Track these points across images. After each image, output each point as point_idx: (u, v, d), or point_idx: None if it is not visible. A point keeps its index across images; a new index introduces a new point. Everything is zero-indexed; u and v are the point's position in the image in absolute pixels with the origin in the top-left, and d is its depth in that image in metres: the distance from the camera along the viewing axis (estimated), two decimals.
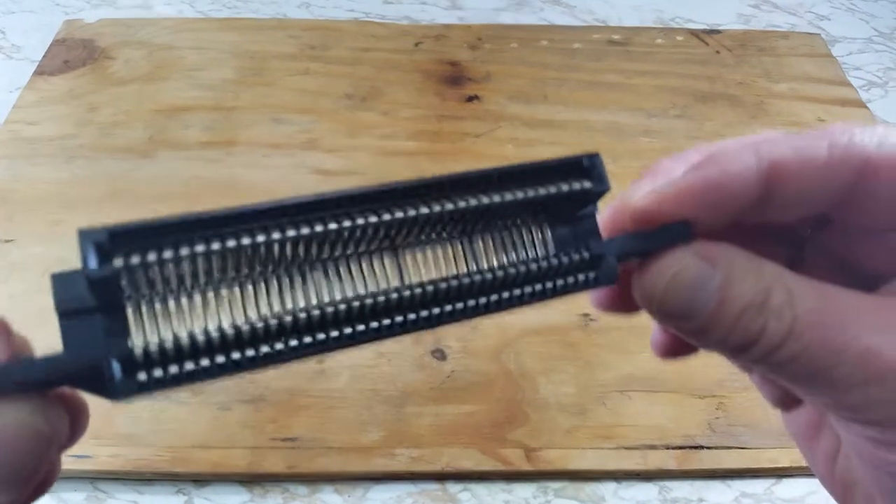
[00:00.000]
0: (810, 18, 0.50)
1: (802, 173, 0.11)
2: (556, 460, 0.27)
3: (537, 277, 0.11)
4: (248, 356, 0.10)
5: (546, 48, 0.45)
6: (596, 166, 0.12)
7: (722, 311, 0.11)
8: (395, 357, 0.30)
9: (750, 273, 0.11)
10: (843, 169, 0.11)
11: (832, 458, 0.13)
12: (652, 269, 0.11)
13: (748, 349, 0.11)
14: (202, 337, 0.10)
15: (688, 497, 0.27)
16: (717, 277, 0.11)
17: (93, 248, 0.09)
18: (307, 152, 0.38)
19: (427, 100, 0.41)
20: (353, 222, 0.10)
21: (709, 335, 0.11)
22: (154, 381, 0.09)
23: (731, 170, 0.11)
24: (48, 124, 0.39)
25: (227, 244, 0.10)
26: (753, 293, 0.10)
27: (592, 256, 0.12)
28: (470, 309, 0.11)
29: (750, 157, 0.11)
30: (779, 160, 0.11)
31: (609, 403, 0.29)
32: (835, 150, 0.11)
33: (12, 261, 0.33)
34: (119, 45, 0.43)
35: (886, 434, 0.10)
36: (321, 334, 0.10)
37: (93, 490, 0.27)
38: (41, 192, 0.36)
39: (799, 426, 0.14)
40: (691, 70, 0.44)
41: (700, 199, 0.11)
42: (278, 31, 0.45)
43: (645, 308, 0.11)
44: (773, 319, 0.10)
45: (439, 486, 0.27)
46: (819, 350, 0.10)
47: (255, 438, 0.27)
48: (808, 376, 0.11)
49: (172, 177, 0.37)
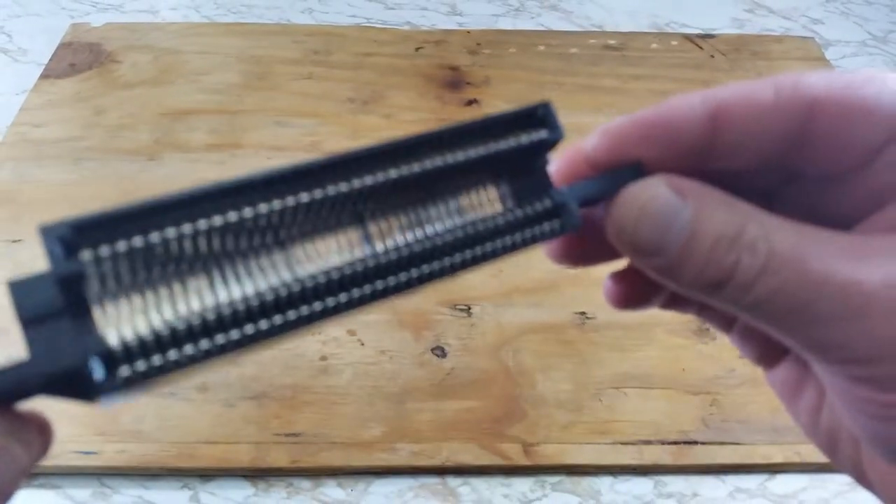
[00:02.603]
0: (804, 22, 0.51)
1: (748, 114, 0.11)
2: (554, 455, 0.28)
3: (504, 230, 0.11)
4: (231, 338, 0.09)
5: (543, 53, 0.45)
6: (550, 114, 0.12)
7: (694, 245, 0.10)
8: (397, 354, 0.31)
9: (722, 206, 0.10)
10: (790, 110, 0.10)
11: (816, 411, 0.13)
12: (622, 200, 0.11)
13: (722, 287, 0.10)
14: (180, 323, 0.09)
15: (682, 492, 0.28)
16: (689, 208, 0.10)
17: (59, 244, 0.08)
18: (310, 155, 0.38)
19: (428, 103, 0.42)
20: (321, 193, 0.10)
21: (681, 272, 0.11)
22: (137, 374, 0.09)
23: (677, 108, 0.11)
24: (55, 127, 0.39)
25: (195, 226, 0.09)
26: (726, 226, 0.10)
27: (555, 205, 0.12)
28: (443, 269, 0.11)
29: (696, 98, 0.11)
30: (724, 101, 0.11)
31: (605, 400, 0.29)
32: (781, 91, 0.10)
33: (20, 261, 0.33)
34: (125, 49, 0.44)
35: (868, 369, 0.10)
36: (304, 308, 0.10)
37: (99, 486, 0.27)
38: (48, 193, 0.36)
39: (782, 383, 0.14)
40: (686, 74, 0.44)
41: (647, 136, 0.11)
42: (282, 37, 0.46)
43: (616, 244, 0.11)
44: (747, 254, 0.10)
45: (439, 480, 0.28)
46: (797, 285, 0.10)
47: (260, 434, 0.28)
48: (787, 314, 0.10)
49: (178, 179, 0.37)
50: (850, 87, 0.10)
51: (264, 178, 0.10)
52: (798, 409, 0.13)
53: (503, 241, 0.11)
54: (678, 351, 0.31)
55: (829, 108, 0.10)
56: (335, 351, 0.31)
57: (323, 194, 0.10)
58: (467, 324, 0.32)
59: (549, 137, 0.12)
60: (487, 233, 0.11)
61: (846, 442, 0.12)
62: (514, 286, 0.33)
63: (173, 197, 0.09)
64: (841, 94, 0.10)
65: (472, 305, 0.32)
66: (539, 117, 0.12)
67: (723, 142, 0.11)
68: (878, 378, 0.10)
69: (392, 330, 0.31)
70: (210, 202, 0.09)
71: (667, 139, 0.11)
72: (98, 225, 0.09)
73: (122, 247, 0.09)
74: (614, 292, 0.14)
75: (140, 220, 0.09)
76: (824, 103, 0.10)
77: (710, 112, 0.11)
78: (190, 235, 0.09)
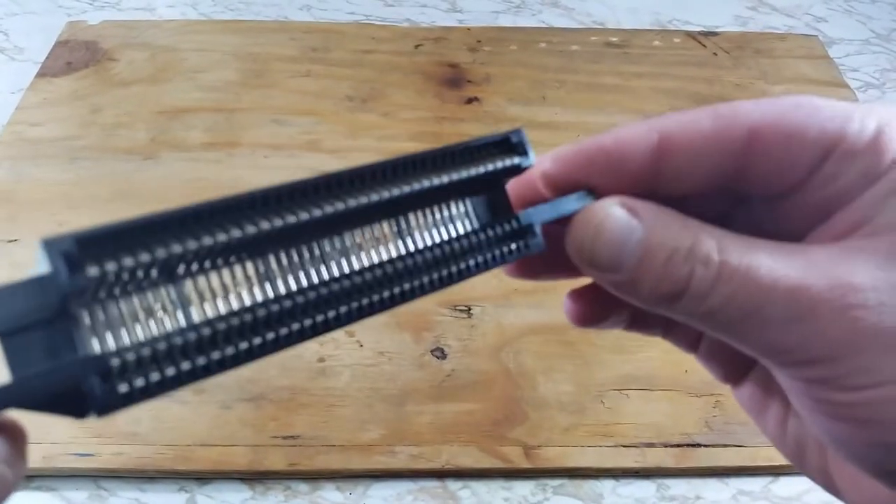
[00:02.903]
0: (807, 20, 0.51)
1: (690, 142, 0.11)
2: (555, 458, 0.27)
3: (474, 250, 0.12)
4: (225, 354, 0.09)
5: (544, 50, 0.45)
6: (523, 142, 0.12)
7: (649, 259, 0.11)
8: (396, 356, 0.30)
9: (674, 222, 0.11)
10: (729, 137, 0.11)
11: (783, 423, 0.13)
12: (579, 221, 0.12)
13: (678, 298, 0.11)
14: (178, 339, 0.09)
15: (685, 494, 0.28)
16: (642, 226, 0.11)
17: (62, 259, 0.08)
18: (308, 153, 0.38)
19: (427, 101, 0.41)
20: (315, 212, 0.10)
21: (638, 286, 0.11)
22: (135, 391, 0.09)
23: (622, 137, 0.12)
24: (51, 125, 0.39)
25: (201, 242, 0.09)
26: (678, 240, 0.11)
27: (521, 226, 0.12)
28: (410, 290, 0.11)
29: (641, 128, 0.12)
30: (666, 131, 0.11)
31: (607, 402, 0.29)
32: (719, 120, 0.11)
33: (16, 261, 0.33)
34: (122, 47, 0.44)
35: (820, 370, 0.11)
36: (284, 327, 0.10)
37: (95, 488, 0.27)
38: (44, 192, 0.36)
39: (749, 399, 0.14)
40: (689, 72, 0.44)
41: (595, 162, 0.12)
42: (280, 34, 0.45)
43: (577, 262, 0.12)
44: (700, 265, 0.11)
45: (439, 484, 0.27)
46: (748, 291, 0.10)
47: (257, 436, 0.28)
48: (740, 321, 0.11)
49: (175, 178, 0.37)
50: (783, 112, 0.11)
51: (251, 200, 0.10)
52: (766, 422, 0.14)
53: (474, 260, 0.12)
54: (681, 353, 0.30)
55: (765, 133, 0.11)
56: (333, 352, 0.30)
57: (307, 217, 0.10)
58: (467, 325, 0.31)
59: (523, 164, 0.13)
60: (458, 252, 0.12)
61: (812, 450, 0.13)
62: (514, 287, 0.33)
63: (178, 212, 0.09)
64: (775, 120, 0.11)
65: (473, 306, 0.32)
66: (513, 144, 0.13)
67: (667, 169, 0.12)
68: (831, 378, 0.10)
69: (391, 331, 0.31)
70: (211, 218, 0.10)
71: (614, 166, 0.12)
72: (102, 239, 0.09)
73: (128, 262, 0.09)
74: (573, 310, 0.14)
75: (143, 235, 0.09)
76: (760, 129, 0.11)
77: (653, 141, 0.12)
78: (193, 252, 0.09)
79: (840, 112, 0.11)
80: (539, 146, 0.12)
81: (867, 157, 0.11)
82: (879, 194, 0.11)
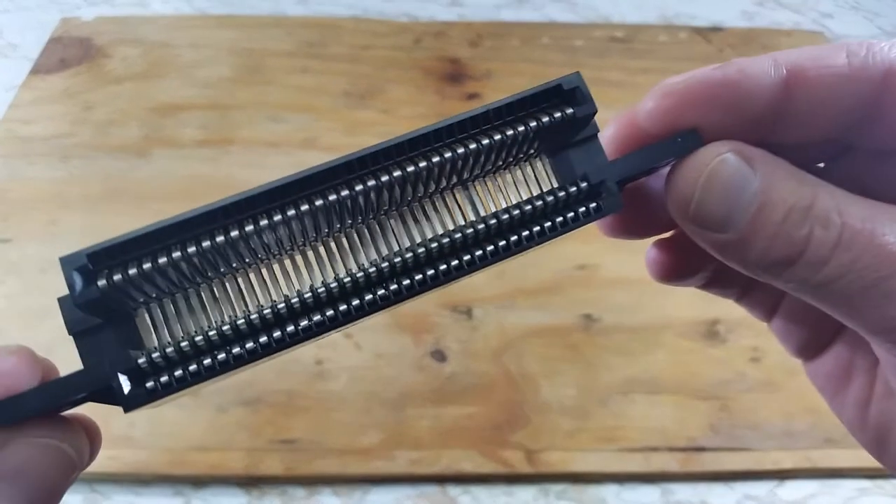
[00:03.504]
0: (814, 16, 0.50)
1: (821, 80, 0.10)
2: (558, 462, 0.27)
3: (541, 216, 0.11)
4: (255, 345, 0.10)
5: (547, 45, 0.44)
6: (578, 88, 0.11)
7: (763, 216, 0.10)
8: (395, 359, 0.30)
9: (792, 177, 0.10)
10: (863, 77, 0.10)
11: (864, 405, 0.12)
12: (685, 169, 0.10)
13: (792, 264, 0.10)
14: (200, 336, 0.10)
15: (690, 499, 0.27)
16: (758, 177, 0.10)
17: (77, 274, 0.09)
18: (305, 151, 0.38)
19: (427, 98, 0.41)
20: (352, 190, 0.10)
21: (749, 247, 0.10)
22: (163, 386, 0.10)
23: (748, 70, 0.10)
24: (44, 123, 0.39)
25: (206, 245, 0.10)
26: (798, 197, 0.10)
27: (592, 185, 0.11)
28: (475, 260, 0.10)
29: (767, 61, 0.10)
30: (797, 65, 0.10)
31: (611, 405, 0.28)
32: (854, 58, 0.10)
33: (9, 260, 0.32)
34: (115, 43, 0.43)
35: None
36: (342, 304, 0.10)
37: (90, 492, 0.27)
38: (37, 191, 0.35)
39: (826, 376, 0.13)
40: (694, 68, 0.43)
41: (715, 98, 0.10)
42: (276, 29, 0.44)
43: (678, 218, 0.10)
44: (819, 227, 0.09)
45: (439, 489, 0.27)
46: (872, 259, 0.09)
47: (253, 440, 0.27)
48: (859, 293, 0.09)
49: (169, 176, 0.36)
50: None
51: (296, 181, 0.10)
52: (843, 403, 0.13)
53: (542, 226, 0.11)
54: (687, 355, 0.30)
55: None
56: (331, 355, 0.30)
57: (361, 189, 0.10)
58: (468, 327, 0.31)
59: (579, 113, 0.11)
60: (523, 219, 0.11)
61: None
62: (516, 287, 0.32)
63: (184, 218, 0.10)
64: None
65: (473, 307, 0.31)
66: (566, 92, 0.11)
67: (794, 109, 0.10)
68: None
69: (390, 333, 0.30)
70: (227, 216, 0.10)
71: (736, 103, 0.10)
72: (113, 252, 0.09)
73: (133, 271, 0.09)
74: (658, 262, 0.13)
75: (154, 242, 0.09)
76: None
77: (783, 76, 0.10)
78: (202, 253, 0.10)
79: None
80: None
81: None
82: None
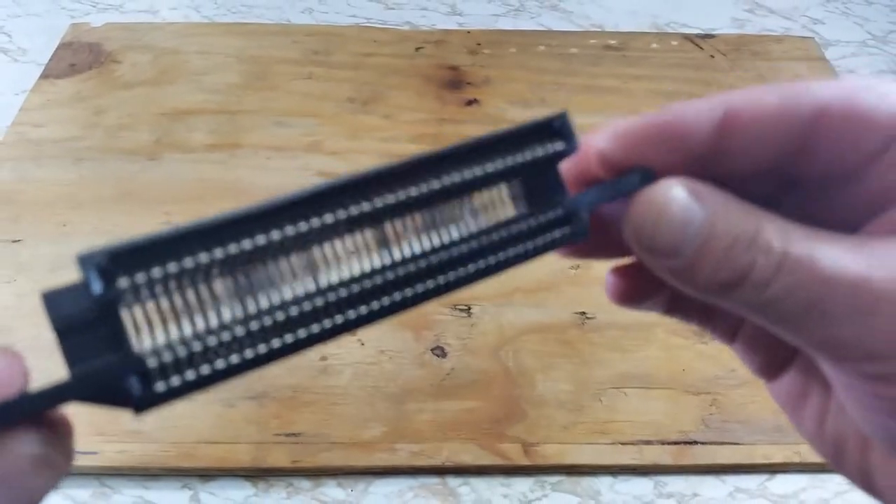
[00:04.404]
0: (804, 22, 0.51)
1: (755, 119, 0.11)
2: (554, 455, 0.28)
3: (516, 239, 0.12)
4: (263, 351, 0.10)
5: (544, 53, 0.45)
6: (566, 125, 0.12)
7: (710, 245, 0.11)
8: (396, 355, 0.31)
9: (738, 208, 0.11)
10: (794, 115, 0.11)
11: (821, 419, 0.13)
12: (640, 203, 0.11)
13: (737, 287, 0.11)
14: (212, 339, 0.10)
15: (682, 492, 0.28)
16: (705, 210, 0.11)
17: (95, 272, 0.09)
18: (310, 155, 0.39)
19: (428, 103, 0.42)
20: (343, 213, 0.10)
21: (697, 272, 0.11)
22: (173, 389, 0.09)
23: (686, 111, 0.11)
24: (54, 127, 0.39)
25: (227, 251, 0.10)
26: (742, 227, 0.11)
27: (566, 213, 0.12)
28: (458, 279, 0.11)
29: (704, 103, 0.11)
30: (732, 107, 0.11)
31: (605, 400, 0.29)
32: (786, 96, 0.11)
33: (20, 261, 0.33)
34: (125, 49, 0.44)
35: (880, 366, 0.10)
36: (318, 324, 0.10)
37: (99, 486, 0.27)
38: (48, 193, 0.36)
39: (787, 393, 0.14)
40: (686, 74, 0.44)
41: (656, 138, 0.11)
42: (282, 37, 0.45)
43: (633, 245, 0.11)
44: (762, 254, 0.10)
45: (439, 480, 0.28)
46: (810, 282, 0.10)
47: (260, 434, 0.28)
48: (800, 313, 0.10)
49: (178, 179, 0.37)
50: (852, 93, 0.11)
51: (300, 199, 0.10)
52: (802, 418, 0.14)
53: (515, 250, 0.12)
54: (678, 351, 0.31)
55: (833, 112, 0.11)
56: (335, 351, 0.31)
57: (346, 214, 0.10)
58: (467, 324, 0.32)
59: (567, 149, 0.12)
60: (501, 242, 0.12)
61: (853, 449, 0.12)
62: (514, 286, 0.33)
63: (204, 223, 0.10)
64: (844, 100, 0.11)
65: (473, 305, 0.32)
66: (556, 129, 0.12)
67: (731, 146, 0.11)
68: (890, 374, 0.10)
69: (392, 330, 0.31)
70: (236, 227, 0.10)
71: (677, 143, 0.11)
72: (133, 252, 0.09)
73: (156, 273, 0.09)
74: (615, 286, 0.14)
75: (174, 245, 0.09)
76: (828, 108, 0.11)
77: (718, 116, 0.11)
78: (219, 261, 0.10)
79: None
80: None
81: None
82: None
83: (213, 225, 0.10)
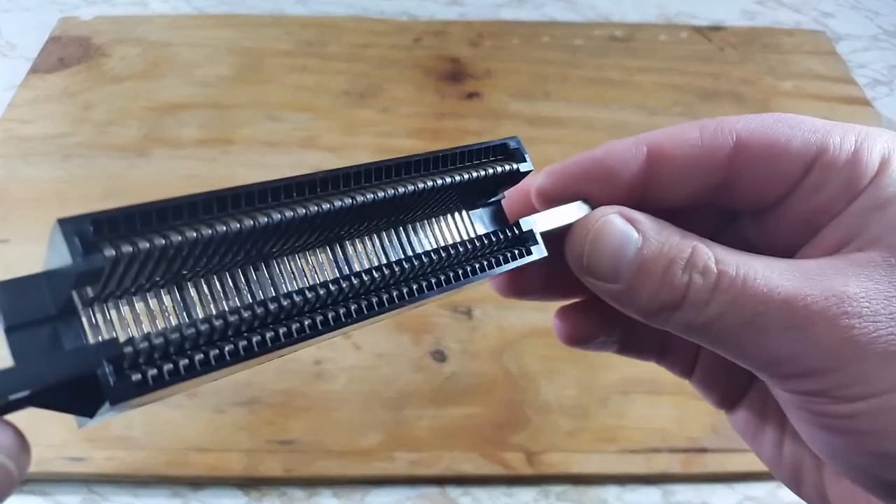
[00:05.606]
0: (815, 15, 0.50)
1: (678, 154, 0.12)
2: (558, 464, 0.27)
3: (475, 256, 0.12)
4: (234, 348, 0.09)
5: (548, 44, 0.44)
6: (520, 149, 0.13)
7: (647, 269, 0.11)
8: (394, 359, 0.30)
9: (672, 234, 0.12)
10: (714, 149, 0.12)
11: (778, 446, 0.14)
12: (578, 228, 0.12)
13: (677, 308, 0.11)
14: (188, 331, 0.09)
15: (692, 501, 0.27)
16: (641, 236, 0.12)
17: (77, 239, 0.08)
18: (305, 150, 0.38)
19: (427, 97, 0.40)
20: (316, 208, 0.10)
21: (637, 296, 0.11)
22: (147, 381, 0.09)
23: (613, 149, 0.12)
24: (43, 122, 0.38)
25: (215, 230, 0.09)
26: (677, 250, 0.11)
27: (522, 233, 0.13)
28: (409, 293, 0.11)
29: (630, 142, 0.12)
30: (656, 143, 0.12)
31: (611, 405, 0.28)
32: (705, 132, 0.12)
33: (8, 260, 0.32)
34: (114, 43, 0.43)
35: (817, 382, 0.11)
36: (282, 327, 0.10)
37: (88, 493, 0.27)
38: (37, 190, 0.35)
39: (745, 423, 0.15)
40: (695, 67, 0.43)
41: (588, 174, 0.12)
42: (275, 28, 0.44)
43: (575, 271, 0.12)
44: (697, 275, 0.11)
45: (439, 491, 0.27)
46: (745, 300, 0.11)
47: (252, 441, 0.27)
48: (738, 330, 0.11)
49: (168, 175, 0.36)
50: (766, 125, 0.12)
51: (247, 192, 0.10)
52: (761, 446, 0.14)
53: (475, 266, 0.12)
54: None
55: (750, 144, 0.12)
56: (330, 355, 0.30)
57: (316, 210, 0.10)
58: (468, 327, 0.31)
59: (522, 170, 0.13)
60: (461, 258, 0.12)
61: (809, 472, 0.13)
62: None
63: (191, 198, 0.09)
64: (759, 131, 0.12)
65: (473, 308, 0.31)
66: (510, 151, 0.13)
67: (657, 180, 0.12)
68: (827, 389, 0.11)
69: (389, 333, 0.30)
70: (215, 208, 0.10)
71: (606, 178, 0.12)
72: (117, 221, 0.09)
73: (143, 245, 0.09)
74: (561, 328, 0.15)
75: (157, 219, 0.09)
76: (745, 140, 0.12)
77: (643, 153, 0.12)
78: (201, 241, 0.09)
79: (821, 126, 0.12)
80: (542, 142, 0.12)
81: (848, 169, 0.11)
82: (864, 208, 0.11)
83: (203, 202, 0.09)
